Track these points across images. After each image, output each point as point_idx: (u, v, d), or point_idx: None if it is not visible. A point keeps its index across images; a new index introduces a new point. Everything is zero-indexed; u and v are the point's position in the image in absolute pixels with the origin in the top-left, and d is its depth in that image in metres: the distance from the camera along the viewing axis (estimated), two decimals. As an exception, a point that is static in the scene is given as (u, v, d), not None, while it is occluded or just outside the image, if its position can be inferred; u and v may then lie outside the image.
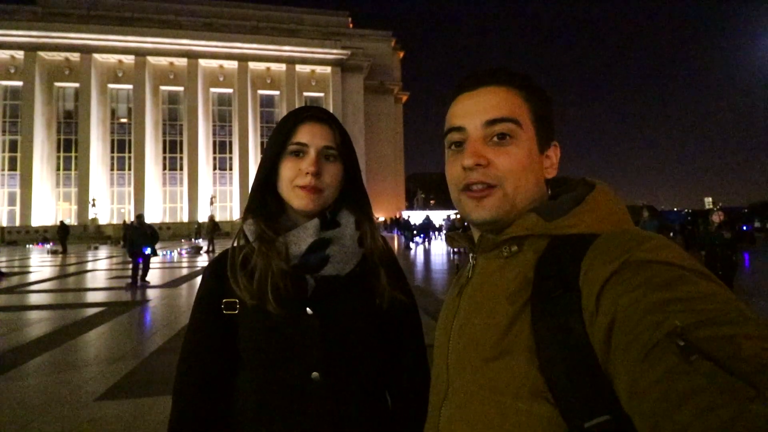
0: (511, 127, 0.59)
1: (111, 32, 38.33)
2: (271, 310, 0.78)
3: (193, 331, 0.85)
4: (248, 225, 0.84)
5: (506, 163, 0.58)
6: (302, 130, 0.83)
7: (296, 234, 0.82)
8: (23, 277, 11.51)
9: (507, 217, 0.59)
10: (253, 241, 0.82)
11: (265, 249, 0.80)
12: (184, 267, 13.54)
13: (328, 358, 0.78)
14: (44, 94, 38.11)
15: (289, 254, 0.80)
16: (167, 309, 7.06)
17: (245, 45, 40.93)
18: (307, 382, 0.78)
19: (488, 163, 0.59)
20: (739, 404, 0.33)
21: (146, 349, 4.73)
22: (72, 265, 14.83)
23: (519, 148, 0.59)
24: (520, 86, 0.61)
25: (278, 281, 0.78)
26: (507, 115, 0.59)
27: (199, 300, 0.85)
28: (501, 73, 0.62)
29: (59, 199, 39.36)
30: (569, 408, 0.45)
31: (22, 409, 3.16)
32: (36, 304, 7.70)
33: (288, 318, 0.79)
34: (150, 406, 3.18)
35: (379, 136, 48.38)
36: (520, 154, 0.58)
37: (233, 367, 0.83)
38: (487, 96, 0.61)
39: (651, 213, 7.63)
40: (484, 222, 0.60)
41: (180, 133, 41.63)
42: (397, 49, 52.61)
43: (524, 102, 0.61)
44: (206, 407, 0.81)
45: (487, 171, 0.59)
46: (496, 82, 0.61)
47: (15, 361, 4.30)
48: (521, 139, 0.59)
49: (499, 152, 0.59)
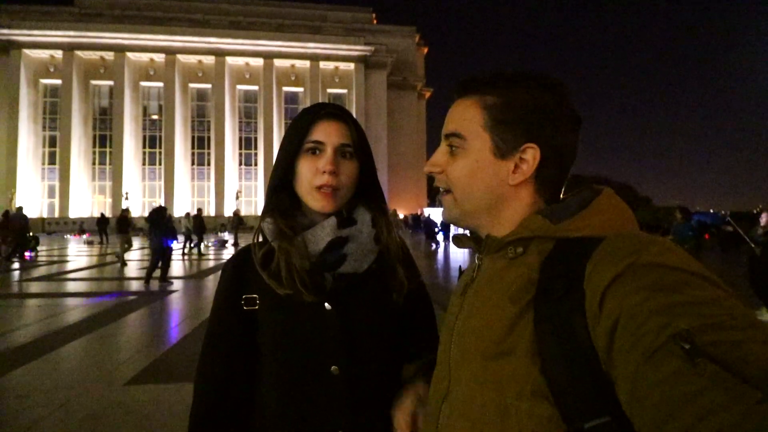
0: (455, 141, 0.63)
1: (143, 31, 39.62)
2: (292, 305, 0.79)
3: (213, 326, 0.86)
4: (267, 224, 0.85)
5: (453, 172, 0.63)
6: (318, 128, 0.83)
7: (314, 233, 0.83)
8: (62, 266, 12.14)
9: (463, 219, 0.65)
10: (272, 240, 0.83)
11: (286, 247, 0.81)
12: (211, 259, 13.95)
13: (346, 352, 0.79)
14: (81, 91, 39.86)
15: (308, 252, 0.81)
16: (194, 299, 7.31)
17: (270, 42, 41.51)
18: (327, 376, 0.79)
19: (442, 171, 0.65)
20: (745, 407, 0.33)
21: (173, 337, 4.93)
22: (106, 255, 15.53)
23: (464, 158, 0.62)
24: (480, 94, 0.62)
25: (304, 277, 0.79)
26: (453, 130, 0.63)
27: (220, 295, 0.87)
28: (468, 83, 0.64)
29: (95, 192, 41.16)
30: (569, 408, 0.45)
31: (56, 391, 3.35)
32: (71, 292, 8.12)
33: (307, 313, 0.80)
34: (175, 392, 3.32)
35: (402, 132, 48.16)
36: (463, 164, 0.62)
37: (253, 361, 0.84)
38: (452, 110, 0.65)
39: (684, 214, 7.36)
40: (446, 221, 0.67)
41: (208, 129, 42.71)
42: (421, 44, 52.13)
43: (480, 110, 0.61)
44: (226, 400, 0.82)
45: (441, 178, 0.65)
46: (464, 94, 0.64)
47: (52, 344, 4.56)
48: (468, 150, 0.62)
49: (450, 162, 0.64)
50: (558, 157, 0.60)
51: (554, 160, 0.60)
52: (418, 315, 0.94)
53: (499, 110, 0.61)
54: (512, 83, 0.61)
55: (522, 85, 0.61)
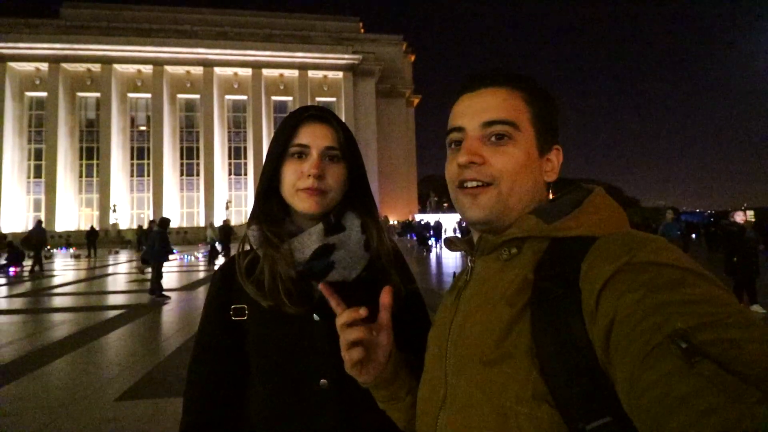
0: (508, 129, 0.59)
1: (130, 43, 39.39)
2: (280, 316, 0.77)
3: (202, 337, 0.84)
4: (252, 231, 0.83)
5: (502, 163, 0.58)
6: (303, 131, 0.81)
7: (300, 240, 0.80)
8: (49, 281, 11.90)
9: (501, 218, 0.59)
10: (257, 247, 0.81)
11: (271, 254, 0.79)
12: (201, 270, 13.78)
13: (335, 364, 0.74)
14: (67, 104, 39.36)
15: (294, 260, 0.79)
16: (184, 311, 7.20)
17: (259, 52, 41.54)
18: (316, 389, 0.77)
19: (483, 162, 0.59)
20: (744, 406, 0.32)
21: (164, 351, 4.85)
22: (95, 269, 15.24)
23: (516, 149, 0.59)
24: (521, 88, 0.61)
25: (289, 287, 0.77)
26: (504, 117, 0.59)
27: (208, 306, 0.84)
28: (502, 74, 0.62)
29: (82, 205, 40.50)
30: (570, 410, 0.45)
31: (46, 408, 3.28)
32: (60, 307, 7.94)
33: (295, 325, 0.78)
34: (166, 407, 3.27)
35: (392, 139, 48.40)
36: (516, 155, 0.58)
37: (243, 373, 0.82)
38: (486, 97, 0.61)
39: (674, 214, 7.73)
40: (479, 221, 0.60)
41: (196, 139, 42.45)
42: (408, 52, 52.65)
43: (525, 104, 0.60)
44: (216, 413, 0.80)
45: (481, 169, 0.59)
46: (497, 83, 0.61)
47: (40, 361, 4.46)
48: (519, 141, 0.59)
49: (495, 152, 0.59)
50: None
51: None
52: (413, 325, 0.89)
53: (541, 107, 0.61)
54: (537, 83, 0.63)
55: (544, 89, 0.63)
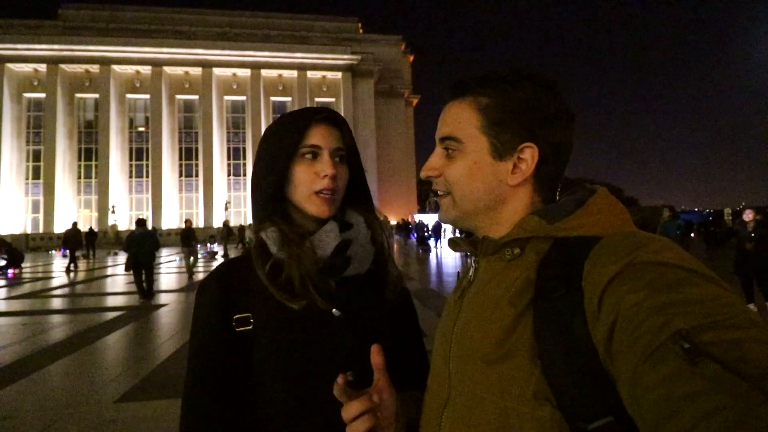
0: (452, 144, 0.62)
1: (129, 44, 39.44)
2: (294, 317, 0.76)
3: (200, 353, 0.77)
4: (271, 232, 0.80)
5: (452, 175, 0.62)
6: (314, 132, 0.81)
7: (320, 237, 0.80)
8: (47, 282, 11.87)
9: (464, 220, 0.64)
10: (279, 248, 0.78)
11: (297, 254, 0.77)
12: (200, 272, 13.78)
13: (361, 358, 0.74)
14: (66, 105, 39.37)
15: (317, 258, 0.79)
16: (182, 313, 7.19)
17: (257, 53, 41.59)
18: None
19: (440, 174, 0.64)
20: (747, 407, 0.32)
21: (164, 353, 4.84)
22: (93, 270, 15.22)
23: (463, 160, 0.62)
24: (478, 94, 0.61)
25: (317, 284, 0.77)
26: (448, 133, 0.63)
27: (203, 319, 0.79)
28: (461, 85, 0.63)
29: (80, 206, 40.50)
30: (572, 410, 0.45)
31: (47, 410, 3.27)
32: (59, 309, 7.95)
33: (315, 323, 0.77)
34: (166, 408, 3.27)
35: (391, 139, 48.43)
36: (461, 167, 0.62)
37: (246, 385, 0.77)
38: (445, 113, 0.65)
39: (672, 213, 7.78)
40: (446, 222, 0.67)
41: (195, 140, 42.45)
42: (407, 52, 52.71)
43: (476, 113, 0.61)
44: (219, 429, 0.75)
45: (439, 180, 0.65)
46: (456, 95, 0.64)
47: (39, 363, 4.45)
48: (466, 152, 0.61)
49: (447, 164, 0.63)
50: (555, 154, 0.60)
51: (552, 158, 0.60)
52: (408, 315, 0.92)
53: (494, 111, 0.60)
54: (505, 82, 0.60)
55: (515, 84, 0.60)
